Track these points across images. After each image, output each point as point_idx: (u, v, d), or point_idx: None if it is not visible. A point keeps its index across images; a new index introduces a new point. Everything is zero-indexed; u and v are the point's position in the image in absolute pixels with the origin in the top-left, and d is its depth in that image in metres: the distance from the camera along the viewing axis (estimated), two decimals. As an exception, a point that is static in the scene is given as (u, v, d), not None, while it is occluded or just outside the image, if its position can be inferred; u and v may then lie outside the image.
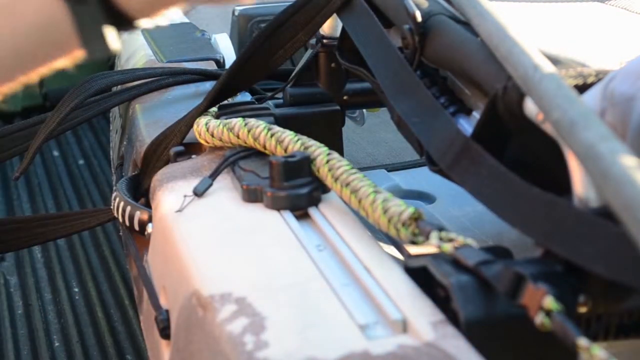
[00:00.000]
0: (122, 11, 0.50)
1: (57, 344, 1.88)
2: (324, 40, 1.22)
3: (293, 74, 1.26)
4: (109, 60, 3.06)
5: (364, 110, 1.47)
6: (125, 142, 1.29)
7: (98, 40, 0.50)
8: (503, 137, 0.75)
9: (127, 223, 0.97)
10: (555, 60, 0.71)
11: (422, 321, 0.61)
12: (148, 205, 0.97)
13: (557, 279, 0.61)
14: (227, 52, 1.44)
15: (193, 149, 1.01)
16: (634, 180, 0.51)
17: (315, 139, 0.86)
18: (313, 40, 1.23)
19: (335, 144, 1.22)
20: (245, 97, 1.17)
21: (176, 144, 1.03)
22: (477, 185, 0.72)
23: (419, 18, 0.87)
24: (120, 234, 1.27)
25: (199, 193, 0.85)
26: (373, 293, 0.65)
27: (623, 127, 0.65)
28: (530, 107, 0.68)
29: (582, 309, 0.62)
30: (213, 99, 1.05)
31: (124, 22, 0.50)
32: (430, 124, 0.82)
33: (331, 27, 1.20)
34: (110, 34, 0.50)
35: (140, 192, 1.06)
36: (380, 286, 0.66)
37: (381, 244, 0.79)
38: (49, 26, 0.50)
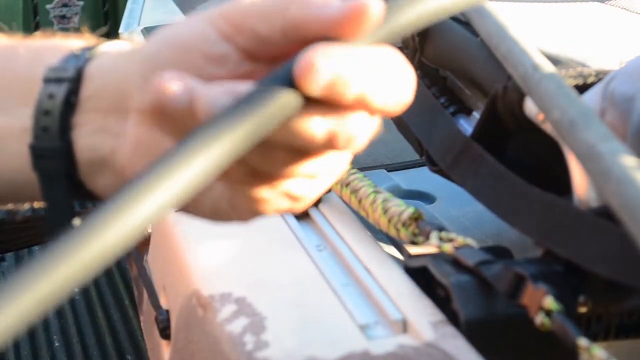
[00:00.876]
0: (90, 194, 0.48)
1: (57, 344, 1.88)
2: (324, 40, 1.22)
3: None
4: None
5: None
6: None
7: (64, 221, 0.49)
8: (503, 137, 0.75)
9: (127, 223, 0.97)
10: (555, 60, 0.71)
11: (422, 321, 0.61)
12: (148, 205, 0.97)
13: (557, 279, 0.61)
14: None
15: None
16: (634, 180, 0.51)
17: (315, 139, 0.85)
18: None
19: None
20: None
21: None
22: (477, 185, 0.72)
23: (419, 18, 0.87)
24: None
25: (199, 193, 0.85)
26: (373, 293, 0.65)
27: (623, 127, 0.65)
28: (530, 107, 0.68)
29: (582, 309, 0.62)
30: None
31: (85, 197, 0.49)
32: (430, 124, 0.82)
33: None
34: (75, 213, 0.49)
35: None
36: (380, 286, 0.66)
37: (381, 244, 0.79)
38: (18, 193, 0.49)
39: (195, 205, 0.45)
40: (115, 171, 0.46)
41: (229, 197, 0.43)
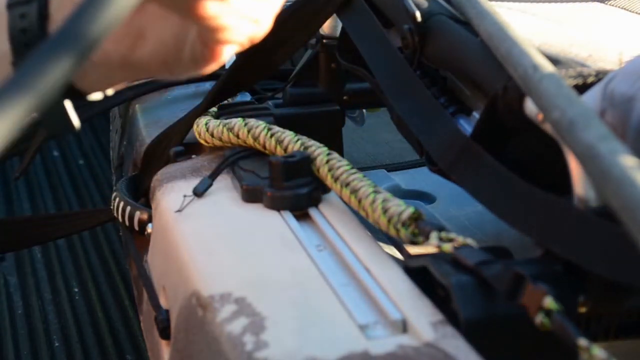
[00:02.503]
0: (76, 87, 0.53)
1: (57, 344, 1.88)
2: (324, 40, 1.22)
3: (293, 74, 1.26)
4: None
5: (364, 110, 1.47)
6: (125, 142, 1.29)
7: (59, 115, 0.53)
8: (503, 137, 0.75)
9: (127, 223, 0.97)
10: (555, 60, 0.71)
11: (422, 321, 0.61)
12: (148, 205, 0.97)
13: (557, 279, 0.61)
14: (227, 52, 1.44)
15: (193, 149, 1.01)
16: (634, 180, 0.51)
17: (315, 139, 0.86)
18: (313, 40, 1.23)
19: (335, 144, 1.22)
20: (245, 97, 1.17)
21: (176, 144, 1.03)
22: (477, 185, 0.72)
23: (419, 18, 0.87)
24: (120, 234, 1.27)
25: (198, 193, 0.85)
26: (373, 293, 0.65)
27: (623, 127, 0.65)
28: (530, 107, 0.68)
29: (582, 309, 0.62)
30: (213, 99, 1.05)
31: (77, 97, 0.54)
32: (430, 124, 0.82)
33: (331, 27, 1.20)
34: (70, 109, 0.53)
35: (140, 192, 1.06)
36: (380, 286, 0.66)
37: (381, 244, 0.79)
38: None
39: (179, 59, 0.50)
40: (95, 64, 0.51)
41: (200, 36, 0.49)
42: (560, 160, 0.64)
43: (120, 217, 0.98)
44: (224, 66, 1.38)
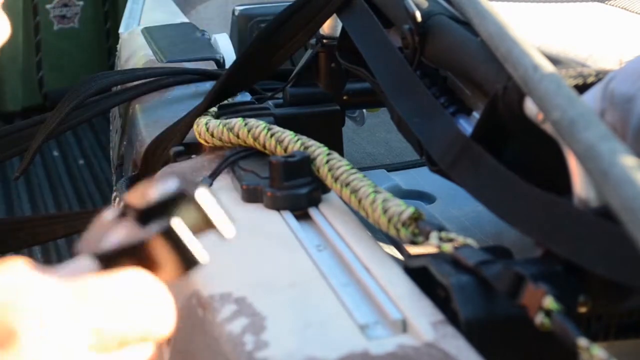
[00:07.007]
0: None
1: (57, 344, 1.88)
2: (324, 40, 1.22)
3: (293, 74, 1.26)
4: (109, 59, 3.07)
5: (364, 110, 1.47)
6: (125, 142, 1.29)
7: None
8: (503, 137, 0.75)
9: (127, 223, 0.97)
10: (555, 60, 0.71)
11: (422, 321, 0.61)
12: (148, 205, 0.96)
13: (557, 279, 0.61)
14: (227, 52, 1.44)
15: (193, 149, 1.01)
16: (634, 180, 0.51)
17: (315, 139, 0.86)
18: (313, 40, 1.23)
19: (335, 144, 1.22)
20: (245, 97, 1.17)
21: (176, 144, 1.03)
22: (477, 185, 0.72)
23: (419, 18, 0.87)
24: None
25: (199, 193, 0.85)
26: (373, 293, 0.65)
27: (623, 127, 0.65)
28: (530, 107, 0.68)
29: (582, 309, 0.62)
30: (213, 99, 1.05)
31: None
32: (430, 124, 0.82)
33: (331, 27, 1.20)
34: None
35: (140, 192, 1.06)
36: (380, 286, 0.66)
37: (381, 244, 0.79)
38: None
39: None
40: None
41: None
42: (560, 160, 0.64)
43: (120, 217, 0.98)
44: (224, 66, 1.38)
